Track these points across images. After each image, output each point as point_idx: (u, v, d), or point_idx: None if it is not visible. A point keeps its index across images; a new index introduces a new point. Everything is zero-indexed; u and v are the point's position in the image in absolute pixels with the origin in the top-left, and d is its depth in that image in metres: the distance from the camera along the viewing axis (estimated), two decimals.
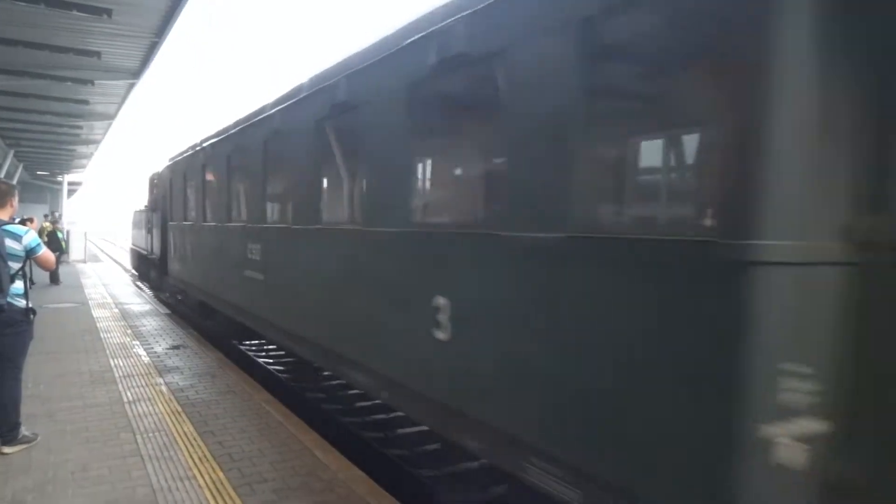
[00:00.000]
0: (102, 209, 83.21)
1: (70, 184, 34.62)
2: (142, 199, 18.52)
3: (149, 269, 17.85)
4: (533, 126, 3.11)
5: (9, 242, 4.80)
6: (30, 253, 5.00)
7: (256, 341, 10.81)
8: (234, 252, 8.10)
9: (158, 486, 4.27)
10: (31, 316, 4.99)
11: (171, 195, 12.96)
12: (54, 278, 16.62)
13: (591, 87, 2.88)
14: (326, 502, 4.11)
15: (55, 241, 16.82)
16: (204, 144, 9.98)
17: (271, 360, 9.73)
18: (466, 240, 3.73)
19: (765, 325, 2.13)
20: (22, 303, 4.90)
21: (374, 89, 4.58)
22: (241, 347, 10.37)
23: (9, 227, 4.91)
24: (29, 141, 22.85)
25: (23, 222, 8.03)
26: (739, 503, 2.15)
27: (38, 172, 33.96)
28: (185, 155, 11.47)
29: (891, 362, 2.19)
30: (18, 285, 4.87)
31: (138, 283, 19.19)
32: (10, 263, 4.76)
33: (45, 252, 5.19)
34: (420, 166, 4.48)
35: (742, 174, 2.18)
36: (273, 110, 6.80)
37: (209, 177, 9.78)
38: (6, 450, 4.84)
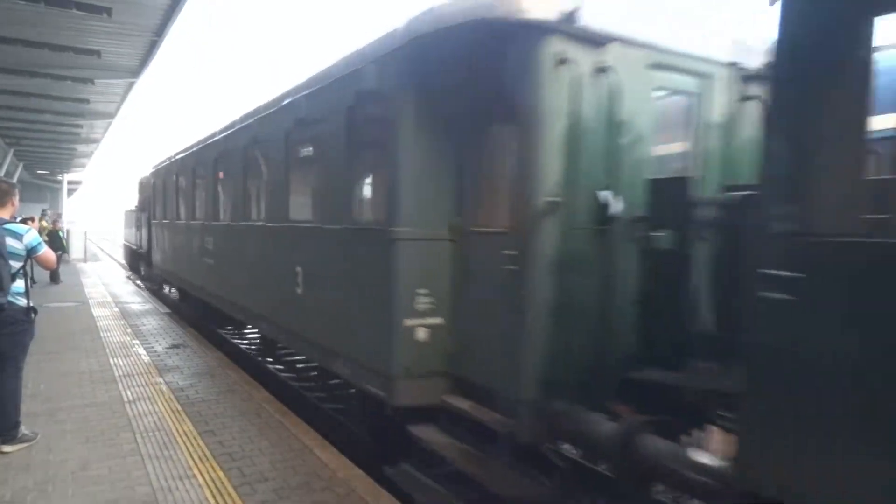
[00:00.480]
0: (103, 208, 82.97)
1: (70, 183, 34.57)
2: (134, 200, 21.53)
3: (139, 261, 20.70)
4: (331, 164, 5.53)
5: (10, 241, 4.81)
6: (31, 252, 5.01)
7: (252, 336, 10.81)
8: (197, 244, 10.46)
9: (158, 486, 4.28)
10: (32, 315, 5.00)
11: (154, 197, 15.35)
12: (55, 277, 16.61)
13: (350, 146, 5.20)
14: (326, 501, 4.13)
15: (56, 240, 16.82)
16: (176, 157, 12.44)
17: (271, 359, 9.72)
18: (309, 230, 6.06)
19: (405, 270, 4.33)
20: (23, 301, 4.91)
21: (268, 131, 7.11)
22: (242, 347, 10.38)
23: (10, 226, 4.91)
24: (29, 140, 22.82)
25: (24, 221, 8.01)
26: (398, 360, 4.36)
27: (38, 171, 33.92)
28: (163, 164, 13.97)
29: (466, 287, 4.35)
30: (19, 284, 4.87)
31: (137, 282, 19.19)
32: (11, 262, 4.77)
33: (46, 251, 5.19)
34: (292, 183, 6.71)
35: (391, 198, 4.51)
36: (219, 136, 9.23)
37: (181, 183, 12.12)
38: (6, 449, 4.85)
